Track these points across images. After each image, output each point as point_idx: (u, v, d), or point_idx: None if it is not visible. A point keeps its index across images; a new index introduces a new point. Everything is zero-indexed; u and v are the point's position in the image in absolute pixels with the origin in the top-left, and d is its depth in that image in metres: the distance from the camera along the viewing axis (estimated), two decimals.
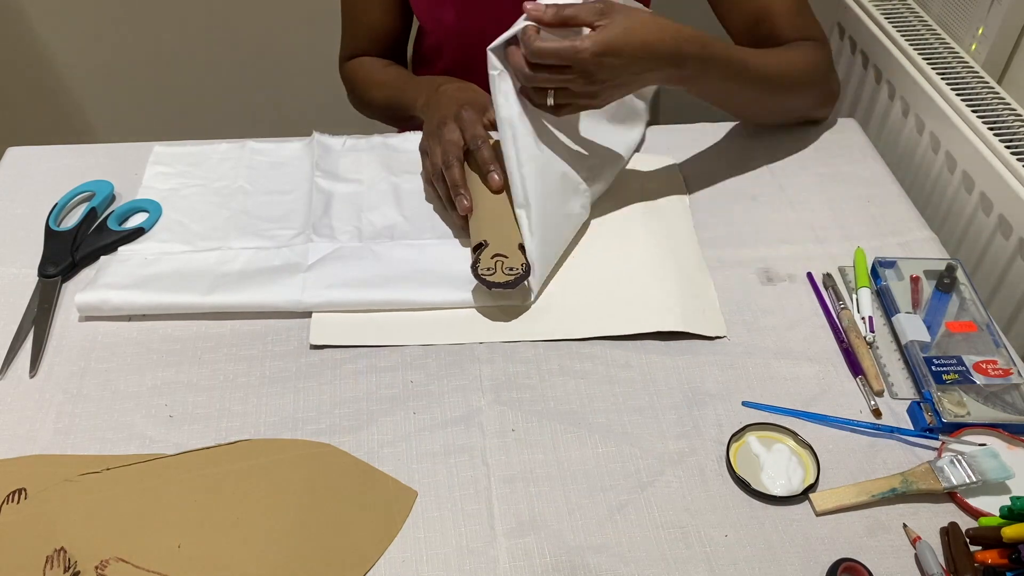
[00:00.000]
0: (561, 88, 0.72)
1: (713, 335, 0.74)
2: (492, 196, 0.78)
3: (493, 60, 0.73)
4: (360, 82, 1.04)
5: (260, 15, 1.57)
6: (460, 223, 0.80)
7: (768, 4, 0.88)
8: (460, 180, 0.79)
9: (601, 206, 0.85)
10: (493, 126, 0.79)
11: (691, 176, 0.91)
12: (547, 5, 0.71)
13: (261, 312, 0.74)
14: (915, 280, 0.78)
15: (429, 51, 1.07)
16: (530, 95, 0.74)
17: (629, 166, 0.90)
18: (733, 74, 0.80)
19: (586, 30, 0.71)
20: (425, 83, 0.93)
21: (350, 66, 1.05)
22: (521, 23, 0.71)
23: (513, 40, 0.72)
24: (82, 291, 0.74)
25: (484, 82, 0.75)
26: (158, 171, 0.89)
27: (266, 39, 1.60)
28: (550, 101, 0.73)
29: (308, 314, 0.74)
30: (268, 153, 0.92)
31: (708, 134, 0.97)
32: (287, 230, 0.82)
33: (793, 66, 0.85)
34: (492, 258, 0.74)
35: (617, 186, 0.87)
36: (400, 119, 1.02)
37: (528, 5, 0.71)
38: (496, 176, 0.78)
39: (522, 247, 0.74)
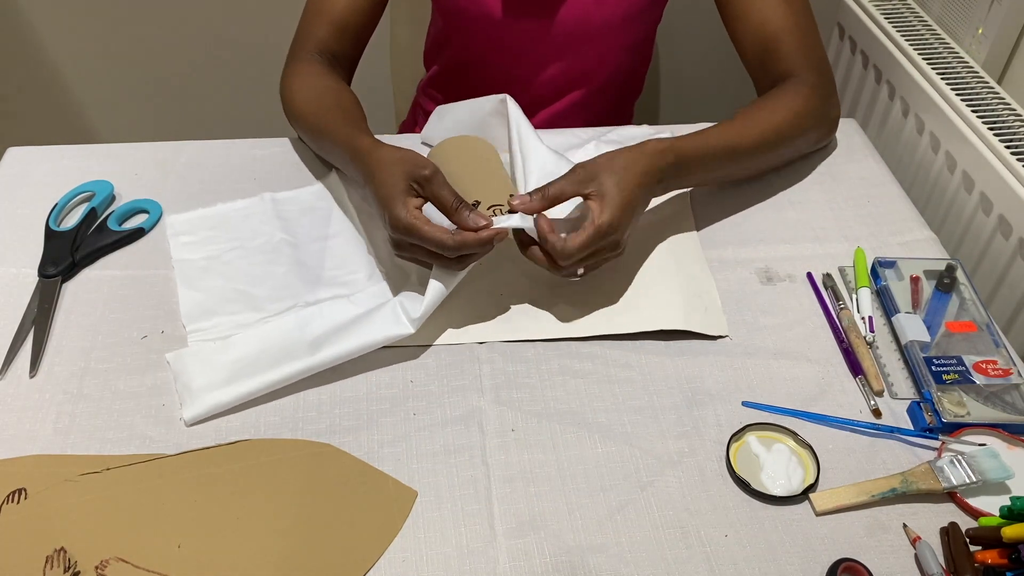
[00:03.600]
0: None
1: (715, 334, 0.74)
2: (479, 178, 0.77)
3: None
4: (299, 94, 0.89)
5: (260, 15, 1.56)
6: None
7: (776, 31, 0.88)
8: (467, 241, 0.69)
9: None
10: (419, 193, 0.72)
11: None
12: (529, 194, 0.71)
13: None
14: (915, 280, 0.78)
15: (442, 40, 1.07)
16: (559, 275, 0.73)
17: None
18: (715, 160, 0.81)
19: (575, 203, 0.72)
20: (358, 166, 0.77)
21: (295, 70, 0.91)
22: (519, 221, 0.70)
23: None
24: (186, 406, 0.67)
25: (501, 71, 0.74)
26: (183, 241, 0.81)
27: (266, 39, 1.60)
28: (580, 272, 0.73)
29: None
30: (293, 201, 0.86)
31: None
32: (356, 274, 0.78)
33: (778, 128, 0.85)
34: (488, 208, 0.74)
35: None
36: (329, 157, 0.90)
37: (515, 202, 0.71)
38: (501, 235, 0.70)
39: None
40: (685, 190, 0.88)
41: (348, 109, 0.84)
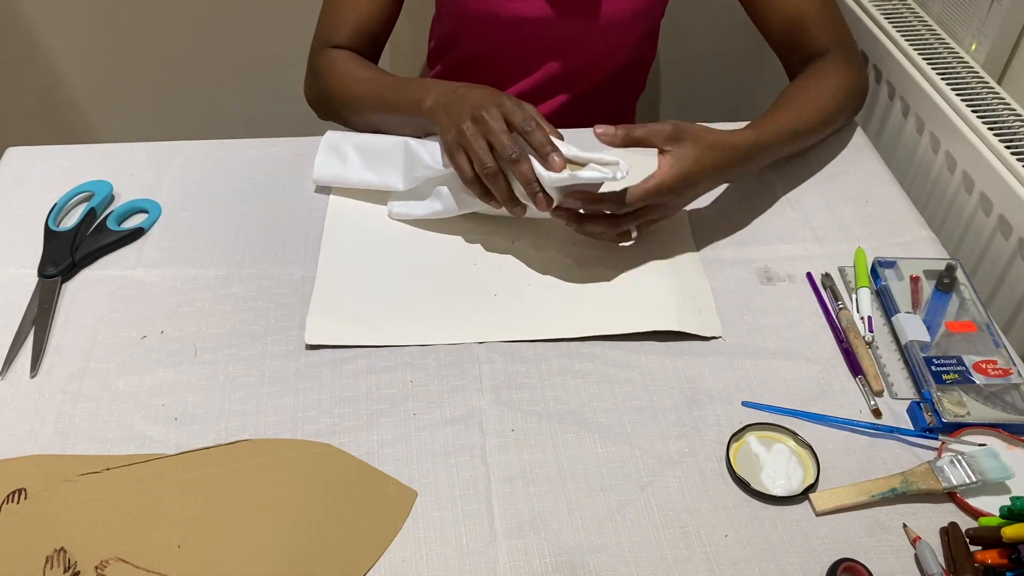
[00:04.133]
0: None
1: (709, 335, 0.74)
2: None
3: None
4: (340, 72, 0.93)
5: (260, 15, 1.56)
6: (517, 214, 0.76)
7: (801, 11, 0.91)
8: (531, 174, 0.71)
9: None
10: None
11: None
12: (616, 128, 0.72)
13: (266, 308, 0.75)
14: (915, 280, 0.78)
15: (448, 39, 1.07)
16: (614, 239, 0.77)
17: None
18: (788, 143, 0.85)
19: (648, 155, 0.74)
20: (433, 83, 0.85)
21: (331, 53, 0.95)
22: (588, 174, 0.70)
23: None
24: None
25: (506, 68, 0.75)
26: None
27: (266, 39, 1.60)
28: (635, 234, 0.76)
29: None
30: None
31: None
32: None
33: (835, 102, 0.89)
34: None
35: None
36: (376, 118, 0.92)
37: (599, 129, 0.73)
38: (556, 158, 0.70)
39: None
40: None
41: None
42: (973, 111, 0.93)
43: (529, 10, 0.95)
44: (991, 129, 0.90)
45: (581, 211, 0.76)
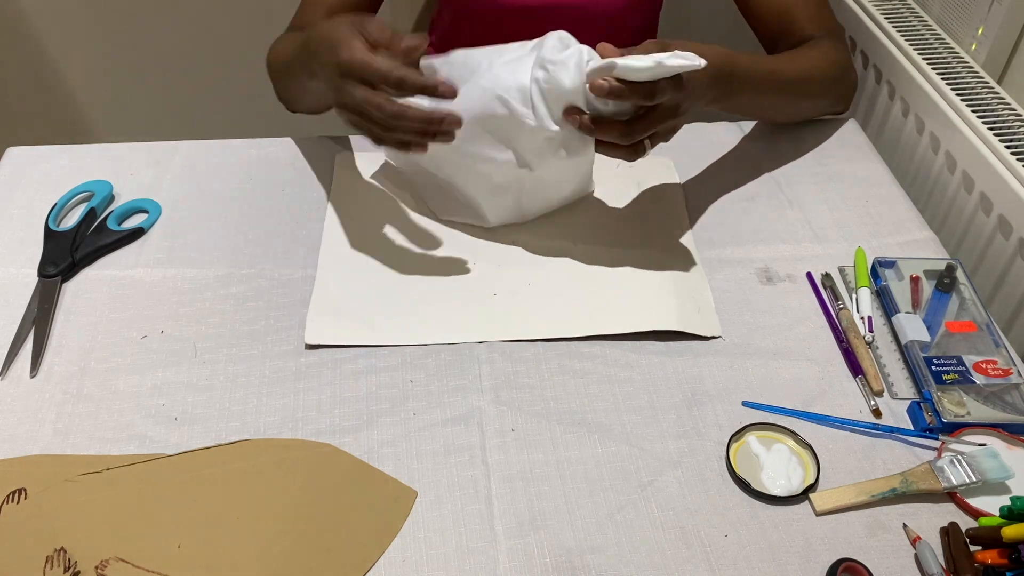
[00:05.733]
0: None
1: (708, 335, 0.74)
2: None
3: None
4: (275, 44, 0.88)
5: (260, 15, 1.56)
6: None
7: (791, 3, 0.91)
8: (423, 116, 0.66)
9: (597, 206, 0.86)
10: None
11: (690, 176, 0.91)
12: (605, 66, 0.68)
13: (266, 308, 0.75)
14: (915, 280, 0.78)
15: (449, 32, 1.07)
16: (623, 154, 0.72)
17: (625, 166, 0.90)
18: (765, 83, 0.83)
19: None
20: (305, 41, 0.76)
21: (281, 36, 0.90)
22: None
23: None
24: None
25: None
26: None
27: (266, 39, 1.60)
28: (649, 147, 0.71)
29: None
30: None
31: (706, 134, 0.97)
32: None
33: (816, 68, 0.88)
34: None
35: (613, 186, 0.88)
36: (308, 98, 0.86)
37: (595, 83, 0.68)
38: (446, 86, 0.66)
39: None
40: (680, 194, 0.88)
41: None
42: (973, 111, 0.93)
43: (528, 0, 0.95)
44: (991, 129, 0.90)
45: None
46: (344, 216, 0.85)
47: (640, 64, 0.66)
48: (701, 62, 0.66)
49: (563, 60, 0.70)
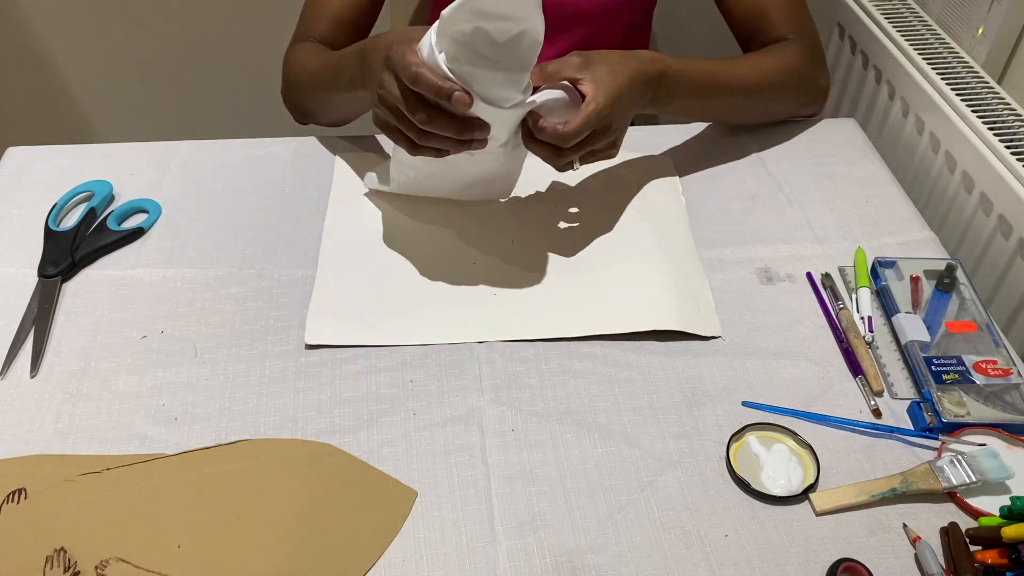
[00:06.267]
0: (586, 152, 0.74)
1: (708, 335, 0.74)
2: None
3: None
4: (298, 59, 0.90)
5: (260, 15, 1.56)
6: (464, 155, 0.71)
7: (768, 2, 0.92)
8: (433, 82, 0.64)
9: (597, 206, 0.86)
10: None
11: (690, 176, 0.91)
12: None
13: (266, 308, 0.75)
14: (915, 280, 0.78)
15: None
16: (557, 167, 0.75)
17: (625, 166, 0.90)
18: (703, 86, 0.84)
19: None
20: (358, 51, 0.77)
21: (296, 46, 0.92)
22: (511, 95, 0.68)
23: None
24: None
25: None
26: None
27: (266, 39, 1.60)
28: (577, 166, 0.75)
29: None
30: None
31: (706, 134, 0.97)
32: None
33: (769, 73, 0.88)
34: None
35: (613, 186, 0.88)
36: (332, 106, 0.89)
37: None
38: (460, 93, 0.65)
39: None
40: (680, 194, 0.88)
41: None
42: (973, 111, 0.93)
43: None
44: (991, 129, 0.90)
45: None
46: (344, 216, 0.85)
47: (504, 106, 0.67)
48: (559, 95, 0.69)
49: None
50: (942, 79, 0.98)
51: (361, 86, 0.77)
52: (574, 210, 0.85)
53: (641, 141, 0.94)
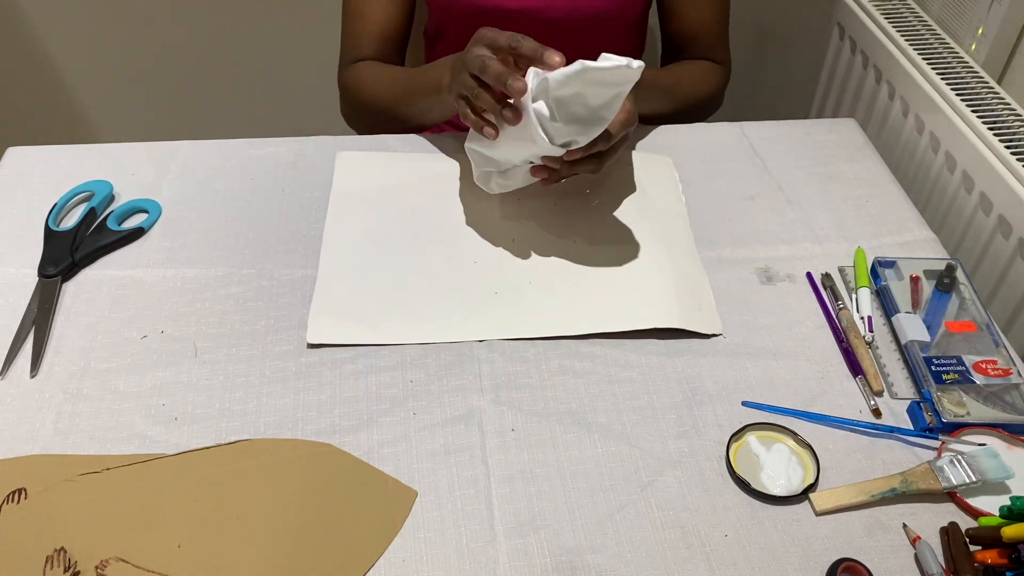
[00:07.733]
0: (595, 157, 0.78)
1: (709, 333, 0.74)
2: None
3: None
4: (367, 81, 0.97)
5: (260, 15, 1.57)
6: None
7: (702, 29, 1.02)
8: (502, 71, 0.70)
9: (598, 205, 0.86)
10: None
11: (690, 176, 0.91)
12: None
13: (266, 308, 0.75)
14: (915, 280, 0.78)
15: (433, 34, 1.07)
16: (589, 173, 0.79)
17: (625, 166, 0.90)
18: (650, 90, 0.89)
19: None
20: (445, 60, 0.86)
21: (356, 68, 0.99)
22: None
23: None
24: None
25: None
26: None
27: (267, 39, 1.60)
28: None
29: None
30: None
31: (706, 134, 0.97)
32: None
33: (696, 85, 1.00)
34: None
35: (614, 186, 0.88)
36: (409, 111, 0.94)
37: (555, 58, 0.70)
38: (555, 57, 0.69)
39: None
40: (680, 193, 0.88)
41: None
42: (973, 111, 0.93)
43: (511, 2, 0.96)
44: (991, 129, 0.90)
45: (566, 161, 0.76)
46: (344, 216, 0.85)
47: (565, 72, 0.67)
48: (632, 64, 0.66)
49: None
50: (942, 79, 0.98)
51: (444, 90, 0.84)
52: (574, 209, 0.85)
53: (641, 141, 0.95)
